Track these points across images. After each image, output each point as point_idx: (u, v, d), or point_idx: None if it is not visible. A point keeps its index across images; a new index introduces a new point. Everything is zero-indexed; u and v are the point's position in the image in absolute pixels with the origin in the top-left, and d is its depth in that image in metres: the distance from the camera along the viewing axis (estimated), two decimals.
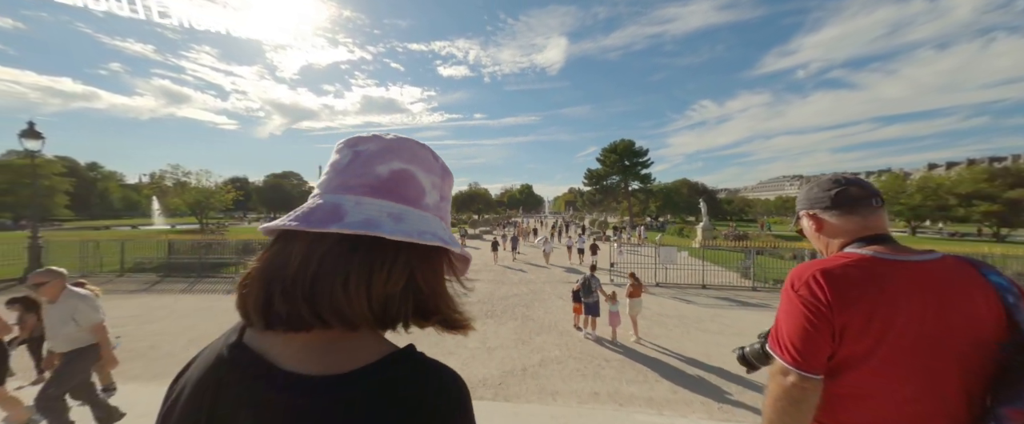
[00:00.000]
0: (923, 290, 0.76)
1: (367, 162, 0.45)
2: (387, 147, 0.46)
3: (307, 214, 0.41)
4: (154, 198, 40.39)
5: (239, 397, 0.40)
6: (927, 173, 36.29)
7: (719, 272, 11.89)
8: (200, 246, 12.14)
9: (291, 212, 0.42)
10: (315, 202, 0.43)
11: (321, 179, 0.47)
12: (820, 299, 0.78)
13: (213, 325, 7.00)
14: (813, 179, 0.99)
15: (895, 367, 0.75)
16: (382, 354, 0.43)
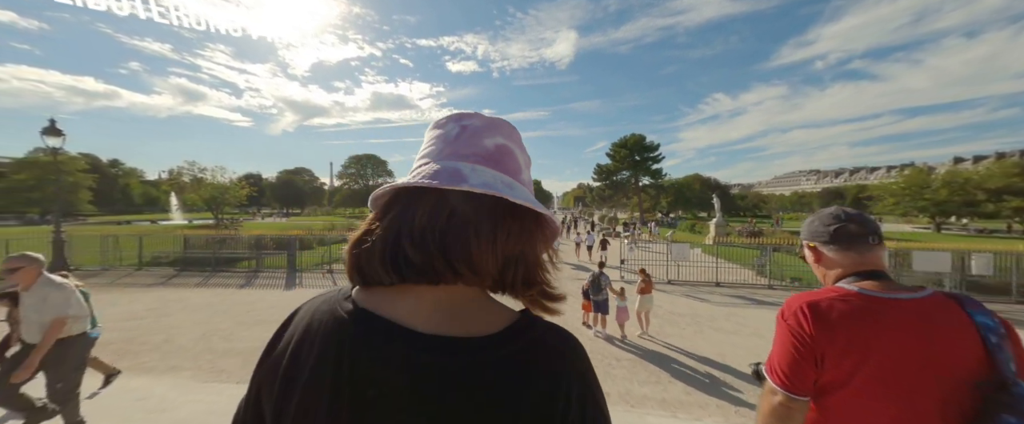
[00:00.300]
0: (906, 326, 0.81)
1: (475, 134, 0.48)
2: (490, 123, 0.50)
3: (432, 175, 0.43)
4: (172, 194, 41.43)
5: (377, 359, 0.40)
6: (954, 167, 34.76)
7: (733, 269, 11.59)
8: (214, 241, 12.36)
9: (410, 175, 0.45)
10: (433, 167, 0.45)
11: (427, 148, 0.49)
12: (804, 329, 0.86)
13: (225, 319, 7.10)
14: (818, 212, 1.05)
15: (872, 394, 0.80)
16: (514, 317, 0.45)
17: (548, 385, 0.40)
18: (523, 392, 0.39)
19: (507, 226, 0.44)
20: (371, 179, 70.22)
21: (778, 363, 0.90)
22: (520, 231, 0.45)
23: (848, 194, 75.18)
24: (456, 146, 0.47)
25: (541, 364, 0.41)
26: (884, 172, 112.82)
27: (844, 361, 0.82)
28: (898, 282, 0.93)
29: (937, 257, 9.11)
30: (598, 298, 6.56)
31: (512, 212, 0.45)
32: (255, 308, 7.89)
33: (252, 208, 70.45)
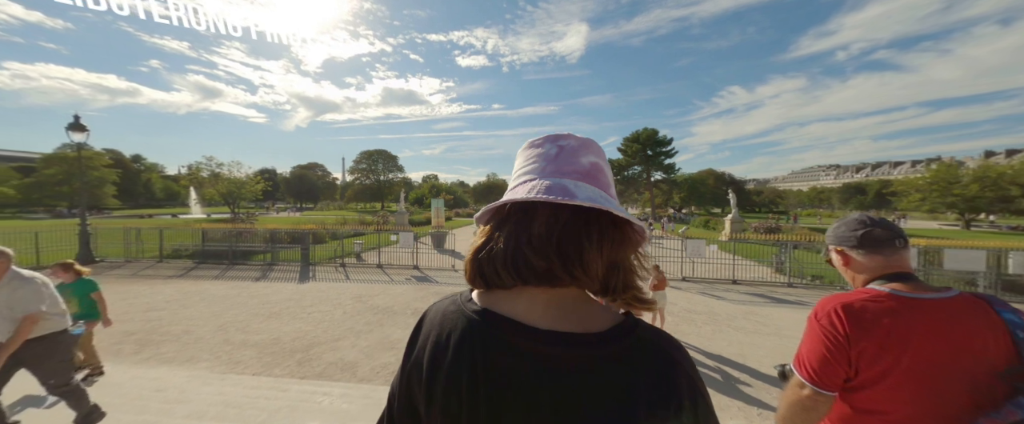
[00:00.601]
0: (936, 324, 0.85)
1: (572, 154, 0.54)
2: (583, 143, 0.56)
3: (546, 191, 0.49)
4: (191, 188, 42.56)
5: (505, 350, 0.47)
6: (985, 161, 33.10)
7: (750, 266, 11.27)
8: (231, 235, 12.61)
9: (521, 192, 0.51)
10: (542, 183, 0.51)
11: (529, 166, 0.55)
12: (838, 330, 0.89)
13: (242, 311, 7.21)
14: (843, 218, 1.09)
15: (905, 389, 0.85)
16: (618, 318, 0.50)
17: (658, 382, 0.44)
18: (635, 386, 0.44)
19: (611, 235, 0.50)
20: (382, 174, 70.88)
21: (808, 360, 0.94)
22: (620, 239, 0.51)
23: (870, 189, 72.47)
24: (558, 164, 0.54)
25: (650, 361, 0.46)
26: (908, 167, 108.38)
27: (879, 360, 0.86)
28: (927, 282, 0.96)
29: (970, 256, 8.65)
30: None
31: (613, 222, 0.51)
32: (270, 301, 8.00)
33: (267, 203, 71.99)
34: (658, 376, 0.45)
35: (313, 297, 8.35)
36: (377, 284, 9.73)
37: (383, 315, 7.12)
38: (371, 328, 6.39)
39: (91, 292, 4.06)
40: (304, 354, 5.26)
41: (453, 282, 10.03)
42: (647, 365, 0.45)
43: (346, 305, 7.74)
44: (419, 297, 8.46)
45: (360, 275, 10.82)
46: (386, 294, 8.69)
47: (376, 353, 5.34)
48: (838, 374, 0.90)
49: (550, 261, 0.47)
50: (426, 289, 9.25)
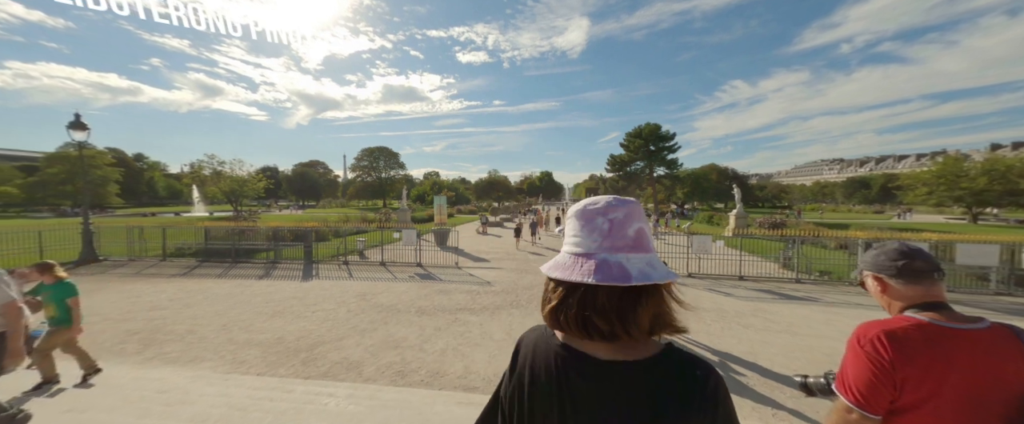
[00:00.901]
0: (974, 354, 0.91)
1: (621, 227, 0.67)
2: (628, 213, 0.69)
3: (605, 273, 0.63)
4: (194, 187, 42.65)
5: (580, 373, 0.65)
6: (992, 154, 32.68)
7: (756, 262, 11.15)
8: (234, 233, 12.57)
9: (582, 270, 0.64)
10: (600, 258, 0.65)
11: (585, 239, 0.69)
12: (883, 357, 0.94)
13: (246, 310, 7.16)
14: (879, 245, 1.12)
15: (946, 414, 0.90)
16: (661, 346, 0.67)
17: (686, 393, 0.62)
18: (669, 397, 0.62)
19: (655, 295, 0.66)
20: (383, 171, 70.78)
21: (854, 384, 0.99)
22: (660, 296, 0.67)
23: (875, 183, 71.90)
24: (612, 240, 0.67)
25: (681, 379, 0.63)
26: (913, 161, 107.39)
27: (922, 385, 0.91)
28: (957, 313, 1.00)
29: (983, 250, 8.50)
30: None
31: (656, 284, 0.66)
32: (273, 299, 7.95)
33: (269, 200, 72.12)
34: (686, 389, 0.62)
35: (316, 295, 8.30)
36: (380, 282, 9.67)
37: (387, 313, 7.06)
38: (375, 326, 6.33)
39: (68, 297, 3.73)
40: (308, 353, 5.20)
41: (457, 280, 9.96)
42: (679, 381, 0.63)
43: (350, 303, 7.69)
44: (423, 295, 8.40)
45: (363, 273, 10.77)
46: (390, 292, 8.63)
47: (381, 352, 5.28)
48: (884, 398, 0.95)
49: (613, 325, 0.64)
50: (430, 287, 9.19)
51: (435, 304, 7.69)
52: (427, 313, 7.10)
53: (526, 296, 8.39)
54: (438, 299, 8.06)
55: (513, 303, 7.81)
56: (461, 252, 14.50)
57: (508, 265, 12.19)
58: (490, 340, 5.80)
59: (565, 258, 0.70)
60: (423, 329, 6.23)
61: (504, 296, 8.37)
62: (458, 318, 6.82)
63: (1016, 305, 7.77)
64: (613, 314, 0.63)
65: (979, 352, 0.92)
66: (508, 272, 11.06)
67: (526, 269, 11.55)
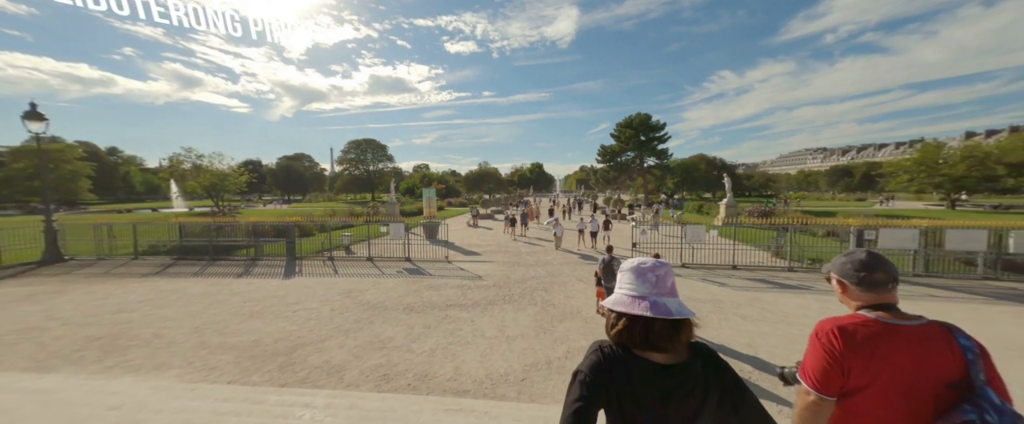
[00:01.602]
0: (910, 346, 1.10)
1: (663, 280, 1.06)
2: (667, 272, 1.07)
3: (657, 310, 1.00)
4: (172, 181, 41.06)
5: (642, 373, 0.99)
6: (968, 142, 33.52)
7: (748, 251, 11.12)
8: (211, 229, 11.97)
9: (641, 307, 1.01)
10: (652, 300, 1.02)
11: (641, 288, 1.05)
12: (835, 347, 1.14)
13: (221, 310, 6.74)
14: (850, 253, 1.27)
15: (885, 397, 1.10)
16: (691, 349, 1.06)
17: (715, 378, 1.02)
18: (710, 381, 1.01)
19: (688, 322, 1.05)
20: (371, 164, 69.37)
21: (812, 371, 1.17)
22: (689, 322, 1.05)
23: (856, 171, 73.50)
24: (660, 288, 1.05)
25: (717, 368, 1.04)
26: (892, 149, 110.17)
27: (866, 371, 1.10)
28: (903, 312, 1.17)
29: (971, 235, 8.56)
30: (611, 285, 6.24)
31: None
32: (252, 298, 7.53)
33: (253, 195, 70.25)
34: (714, 375, 1.02)
35: (299, 293, 7.90)
36: (367, 278, 9.30)
37: (374, 311, 6.72)
38: (361, 326, 6.00)
39: None
40: (286, 357, 4.85)
41: (446, 274, 9.65)
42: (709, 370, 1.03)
43: (334, 301, 7.32)
44: (412, 291, 8.07)
45: (349, 269, 10.37)
46: (377, 288, 8.28)
47: (366, 353, 4.97)
48: (835, 382, 1.13)
49: (672, 342, 1.01)
50: (419, 282, 8.86)
51: (424, 300, 7.38)
52: (416, 310, 6.80)
53: (518, 290, 8.14)
54: (427, 295, 7.75)
55: (505, 298, 7.55)
56: (451, 246, 14.16)
57: (500, 258, 11.91)
58: (481, 338, 5.53)
59: (624, 299, 1.06)
60: (411, 328, 5.93)
61: (496, 290, 8.10)
62: (448, 315, 6.53)
63: (1003, 290, 7.85)
64: (666, 335, 1.00)
65: (914, 344, 1.08)
66: (500, 265, 10.79)
67: (518, 262, 11.30)
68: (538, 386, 4.17)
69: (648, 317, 0.98)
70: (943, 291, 7.78)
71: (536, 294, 7.81)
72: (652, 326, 0.99)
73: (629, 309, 1.01)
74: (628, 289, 1.06)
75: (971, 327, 5.63)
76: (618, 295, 1.07)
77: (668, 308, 0.99)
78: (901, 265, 9.35)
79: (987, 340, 4.91)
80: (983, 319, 6.13)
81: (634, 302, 1.02)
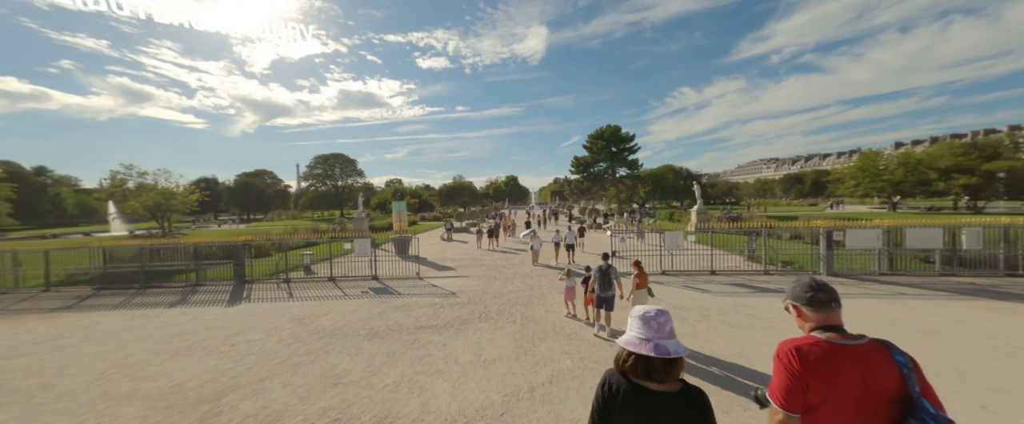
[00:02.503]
0: (856, 364, 1.23)
1: (664, 325, 1.34)
2: (666, 319, 1.36)
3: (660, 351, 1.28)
4: (110, 203, 37.25)
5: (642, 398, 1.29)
6: (902, 150, 36.94)
7: (723, 256, 11.15)
8: (144, 252, 10.50)
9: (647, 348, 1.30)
10: (656, 343, 1.30)
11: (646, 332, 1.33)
12: (794, 367, 1.26)
13: (139, 349, 5.64)
14: (798, 278, 1.46)
15: (839, 411, 1.21)
16: (682, 382, 1.33)
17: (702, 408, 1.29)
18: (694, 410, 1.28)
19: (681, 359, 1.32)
20: (339, 179, 66.57)
21: (778, 390, 1.30)
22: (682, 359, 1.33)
23: (807, 179, 79.30)
24: (661, 333, 1.32)
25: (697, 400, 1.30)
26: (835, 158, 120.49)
27: (821, 388, 1.22)
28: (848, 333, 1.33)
29: (929, 233, 8.95)
30: (606, 294, 5.83)
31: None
32: (183, 331, 6.43)
33: (206, 215, 65.24)
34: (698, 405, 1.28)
35: (242, 323, 6.87)
36: (327, 301, 8.35)
37: (330, 340, 5.87)
38: (312, 358, 5.15)
39: None
40: (212, 405, 3.96)
41: (417, 292, 8.86)
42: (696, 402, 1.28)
43: (283, 330, 6.38)
44: (377, 313, 7.25)
45: (307, 291, 9.33)
46: (336, 312, 7.38)
47: (315, 393, 4.17)
48: (798, 399, 1.25)
49: (663, 375, 1.28)
50: (385, 303, 8.03)
51: (390, 323, 6.59)
52: (379, 335, 6.01)
53: (495, 306, 7.52)
54: (394, 317, 6.97)
55: (482, 315, 6.91)
56: (423, 261, 13.34)
57: (475, 272, 11.25)
58: (454, 364, 4.87)
59: (634, 340, 1.35)
60: (373, 357, 5.16)
61: (471, 308, 7.44)
62: (417, 339, 5.81)
63: (962, 285, 8.15)
64: (664, 370, 1.29)
65: (859, 362, 1.23)
66: (475, 280, 10.13)
67: (494, 276, 10.68)
68: (520, 420, 3.58)
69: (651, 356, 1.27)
70: (911, 289, 7.96)
71: (515, 310, 7.23)
72: (652, 363, 1.27)
73: (638, 350, 1.29)
74: (637, 333, 1.34)
75: (947, 324, 5.25)
76: (629, 337, 1.36)
77: (667, 349, 1.27)
78: (866, 264, 9.63)
79: (965, 336, 4.69)
80: (955, 316, 6.20)
81: (642, 344, 1.30)
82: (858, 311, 6.55)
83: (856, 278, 9.03)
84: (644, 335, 1.30)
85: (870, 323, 5.96)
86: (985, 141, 34.15)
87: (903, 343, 1.45)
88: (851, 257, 9.76)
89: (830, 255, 9.52)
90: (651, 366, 1.26)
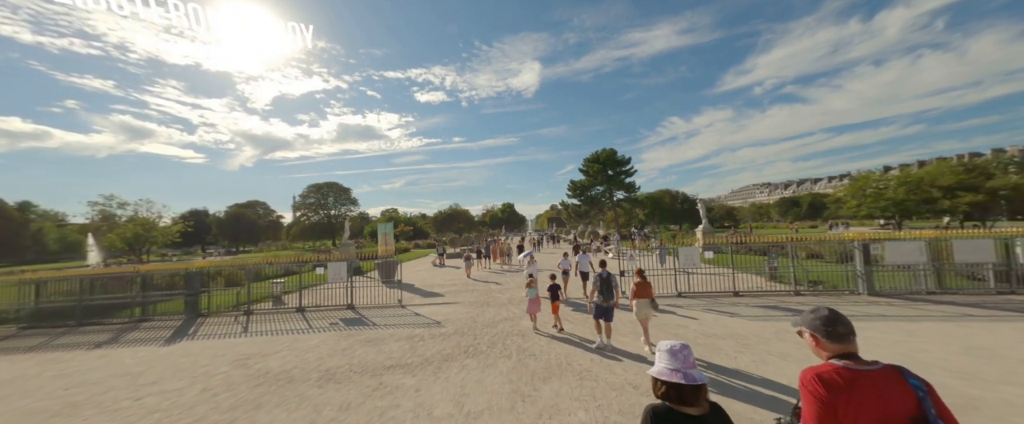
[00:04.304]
0: (875, 388, 1.28)
1: (689, 356, 1.53)
2: (690, 351, 1.54)
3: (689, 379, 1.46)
4: (89, 235, 35.78)
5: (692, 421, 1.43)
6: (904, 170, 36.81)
7: (743, 277, 9.97)
8: (85, 285, 9.13)
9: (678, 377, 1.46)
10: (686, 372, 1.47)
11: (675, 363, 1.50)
12: (821, 393, 1.31)
13: (6, 410, 4.26)
14: (813, 309, 1.51)
15: None
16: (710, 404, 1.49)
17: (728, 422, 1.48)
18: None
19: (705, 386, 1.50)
20: (333, 208, 65.41)
21: (810, 418, 1.32)
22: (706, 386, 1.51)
23: (803, 202, 79.37)
24: (687, 363, 1.50)
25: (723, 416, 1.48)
26: (826, 182, 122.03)
27: (847, 411, 1.26)
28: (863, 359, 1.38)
29: (979, 245, 7.90)
30: (607, 304, 5.40)
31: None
32: (85, 381, 5.05)
33: (194, 247, 63.35)
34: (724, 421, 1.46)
35: (168, 367, 5.50)
36: (285, 335, 6.99)
37: (270, 387, 4.54)
38: (234, 417, 3.82)
39: None
40: None
41: (395, 322, 7.53)
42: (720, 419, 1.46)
43: (215, 375, 5.03)
44: (340, 349, 5.92)
45: (268, 324, 7.96)
46: (291, 350, 6.03)
47: None
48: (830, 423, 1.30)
49: (699, 399, 1.45)
50: (354, 336, 6.69)
51: (353, 362, 5.27)
52: (335, 379, 4.69)
53: (487, 337, 6.22)
54: (360, 354, 5.64)
55: (469, 350, 5.60)
56: (409, 287, 12.00)
57: (466, 298, 9.92)
58: (426, 419, 3.57)
59: (665, 371, 1.50)
60: (318, 412, 3.85)
61: (457, 339, 6.13)
62: (383, 383, 4.50)
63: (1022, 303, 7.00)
64: (694, 395, 1.44)
65: (878, 386, 1.29)
66: (465, 307, 8.81)
67: (487, 301, 9.37)
68: None
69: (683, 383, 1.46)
70: (975, 309, 6.78)
71: (510, 341, 5.93)
72: (683, 389, 1.46)
73: (669, 379, 1.47)
74: (666, 364, 1.52)
75: None
76: (660, 367, 1.53)
77: (694, 377, 1.46)
78: (909, 283, 8.46)
79: None
80: None
81: (673, 374, 1.48)
82: (932, 337, 5.35)
83: (903, 298, 7.85)
84: (673, 366, 1.49)
85: (957, 349, 4.75)
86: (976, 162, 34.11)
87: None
88: (892, 275, 8.60)
89: (869, 272, 8.38)
90: (682, 392, 1.45)
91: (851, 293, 8.53)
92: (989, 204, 27.14)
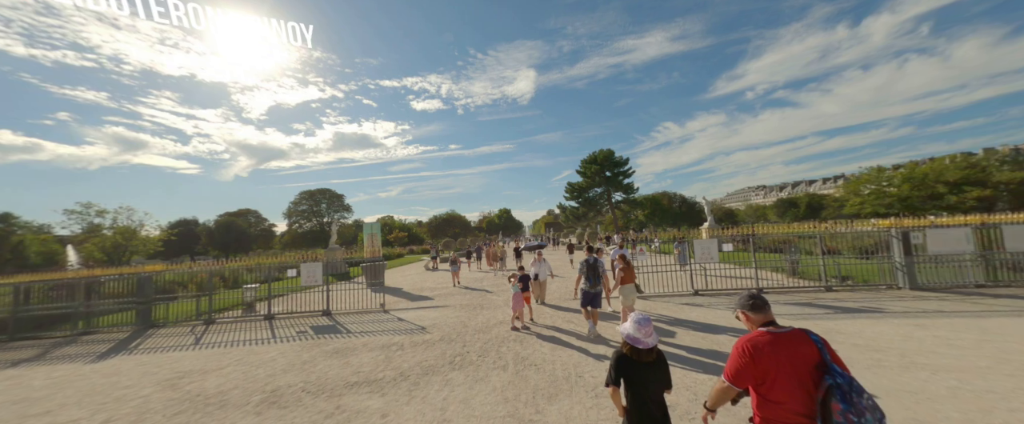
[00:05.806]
0: (788, 346, 1.64)
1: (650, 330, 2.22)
2: (651, 325, 2.24)
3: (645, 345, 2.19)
4: (68, 247, 34.40)
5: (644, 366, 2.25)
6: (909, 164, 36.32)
7: (766, 273, 9.03)
8: (19, 293, 7.99)
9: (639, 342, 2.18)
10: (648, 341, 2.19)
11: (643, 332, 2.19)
12: (747, 353, 1.68)
13: None
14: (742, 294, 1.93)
15: (780, 383, 1.62)
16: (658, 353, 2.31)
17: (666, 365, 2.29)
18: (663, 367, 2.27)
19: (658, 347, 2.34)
20: (326, 215, 64.00)
21: (731, 369, 1.73)
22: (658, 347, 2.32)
23: (801, 203, 79.16)
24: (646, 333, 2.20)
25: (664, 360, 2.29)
26: (821, 183, 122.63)
27: (769, 368, 1.63)
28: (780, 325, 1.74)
29: None
30: (594, 290, 5.38)
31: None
32: None
33: (182, 257, 61.64)
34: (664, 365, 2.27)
35: (78, 390, 4.42)
36: (240, 347, 5.91)
37: (192, 416, 3.49)
38: None
39: None
40: None
41: (373, 329, 6.47)
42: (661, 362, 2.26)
43: (131, 401, 3.96)
44: (300, 362, 4.86)
45: (226, 334, 6.87)
46: (239, 365, 4.97)
47: None
48: (746, 377, 1.69)
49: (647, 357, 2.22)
50: (321, 346, 5.63)
51: (310, 379, 4.22)
52: (281, 403, 3.65)
53: (478, 344, 5.20)
54: (322, 368, 4.59)
55: (455, 360, 4.57)
56: (397, 291, 10.94)
57: (457, 301, 8.87)
58: None
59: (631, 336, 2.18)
60: None
61: (443, 347, 5.10)
62: (340, 406, 3.47)
63: None
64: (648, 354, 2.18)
65: (791, 345, 1.65)
66: (455, 310, 7.77)
67: (481, 304, 8.33)
68: None
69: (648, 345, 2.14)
70: (1012, 300, 5.87)
71: (506, 349, 4.91)
72: (640, 351, 2.15)
73: (633, 343, 2.14)
74: (632, 330, 2.16)
75: None
76: (628, 331, 2.19)
77: (648, 343, 2.12)
78: (953, 276, 7.51)
79: None
80: None
81: (636, 340, 2.13)
82: (1020, 336, 4.41)
83: (954, 292, 6.92)
84: (637, 334, 2.13)
85: None
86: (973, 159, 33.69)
87: None
88: (935, 267, 7.64)
89: (911, 263, 7.46)
90: (640, 351, 2.14)
91: (889, 288, 7.60)
92: (995, 199, 26.58)
